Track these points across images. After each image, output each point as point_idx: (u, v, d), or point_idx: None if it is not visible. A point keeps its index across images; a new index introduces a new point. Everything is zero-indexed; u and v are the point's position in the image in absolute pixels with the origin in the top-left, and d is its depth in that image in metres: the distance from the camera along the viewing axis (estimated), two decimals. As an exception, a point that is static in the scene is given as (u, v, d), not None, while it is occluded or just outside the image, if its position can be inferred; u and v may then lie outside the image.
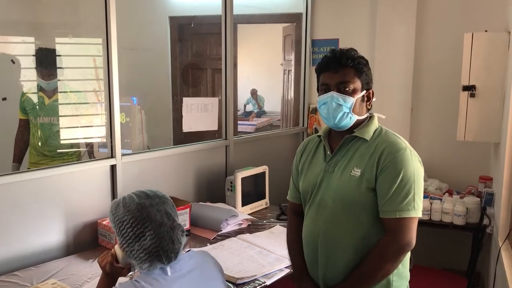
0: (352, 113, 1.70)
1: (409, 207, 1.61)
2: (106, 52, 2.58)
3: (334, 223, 1.70)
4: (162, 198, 1.54)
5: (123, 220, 1.47)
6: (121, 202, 1.51)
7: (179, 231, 1.51)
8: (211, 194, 3.21)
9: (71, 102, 3.45)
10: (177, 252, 1.50)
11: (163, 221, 1.47)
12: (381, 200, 1.63)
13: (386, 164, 1.63)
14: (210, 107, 3.32)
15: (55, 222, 2.43)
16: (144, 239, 1.45)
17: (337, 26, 3.95)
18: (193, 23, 4.48)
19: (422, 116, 3.70)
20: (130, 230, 1.46)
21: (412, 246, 1.64)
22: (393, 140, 1.68)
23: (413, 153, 1.67)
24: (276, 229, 2.78)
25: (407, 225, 1.61)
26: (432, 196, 3.22)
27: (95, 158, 3.19)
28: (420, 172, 1.66)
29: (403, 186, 1.61)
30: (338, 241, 1.69)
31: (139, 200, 1.49)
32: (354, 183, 1.66)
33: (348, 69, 1.68)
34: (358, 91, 1.70)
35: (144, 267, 1.47)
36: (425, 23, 3.61)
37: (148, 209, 1.47)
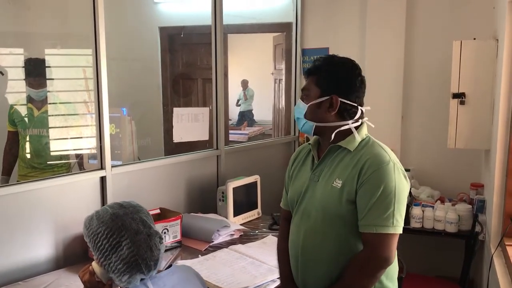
0: (307, 120, 1.71)
1: (388, 223, 1.55)
2: (95, 63, 2.56)
3: (314, 233, 1.68)
4: (136, 207, 1.52)
5: (98, 232, 1.44)
6: (94, 215, 1.49)
7: (156, 238, 1.48)
8: (203, 204, 3.19)
9: (61, 113, 3.42)
10: (156, 260, 1.46)
11: (139, 228, 1.45)
12: (360, 213, 1.59)
13: (367, 177, 1.58)
14: (201, 117, 3.31)
15: (44, 235, 2.39)
16: (121, 249, 1.42)
17: (327, 35, 3.96)
18: (183, 33, 4.48)
19: (412, 124, 3.72)
20: (106, 242, 1.42)
21: (390, 263, 1.59)
22: (377, 153, 1.63)
23: (397, 167, 1.61)
24: (268, 239, 2.76)
25: (385, 241, 1.56)
26: (424, 203, 3.22)
27: (85, 169, 3.15)
28: (403, 187, 1.60)
29: (382, 200, 1.55)
30: (317, 252, 1.67)
31: (113, 211, 1.47)
32: (335, 194, 1.63)
33: (312, 77, 1.71)
34: (312, 98, 1.69)
35: (124, 279, 1.44)
36: (414, 32, 3.64)
37: (123, 218, 1.45)
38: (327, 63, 1.71)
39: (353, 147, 1.67)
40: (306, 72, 1.74)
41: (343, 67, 1.70)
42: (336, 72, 1.69)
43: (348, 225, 1.62)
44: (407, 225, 3.15)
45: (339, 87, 1.67)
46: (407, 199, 1.64)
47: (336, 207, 1.63)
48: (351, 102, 1.68)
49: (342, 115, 1.69)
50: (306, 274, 1.72)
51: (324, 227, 1.66)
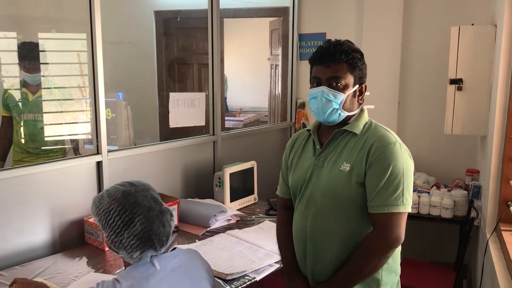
0: (342, 110, 1.67)
1: (398, 202, 1.58)
2: (91, 47, 2.53)
3: (323, 218, 1.68)
4: (146, 185, 1.54)
5: (110, 209, 1.45)
6: (105, 193, 1.50)
7: (168, 215, 1.51)
8: (199, 190, 3.19)
9: (56, 98, 3.39)
10: (168, 235, 1.50)
11: (151, 205, 1.47)
12: (369, 194, 1.61)
13: (375, 158, 1.60)
14: (197, 102, 3.29)
15: (40, 220, 2.38)
16: (133, 225, 1.43)
17: (324, 20, 3.93)
18: (179, 17, 4.43)
19: (409, 109, 3.71)
20: (118, 219, 1.44)
21: (400, 242, 1.62)
22: (382, 134, 1.66)
23: (402, 147, 1.64)
24: (265, 224, 2.76)
25: (396, 220, 1.59)
26: (420, 189, 3.23)
27: (80, 154, 3.14)
28: (410, 166, 1.64)
29: (392, 180, 1.58)
30: (327, 236, 1.68)
31: (124, 188, 1.49)
32: (343, 178, 1.64)
33: (341, 64, 1.64)
34: (349, 86, 1.66)
35: (135, 256, 1.45)
36: (412, 17, 3.61)
37: (135, 195, 1.46)
38: (353, 49, 1.68)
39: (359, 130, 1.69)
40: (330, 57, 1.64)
41: (361, 53, 1.71)
42: (362, 59, 1.70)
43: (358, 207, 1.64)
44: (403, 210, 3.16)
45: (364, 74, 1.71)
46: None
47: (344, 190, 1.64)
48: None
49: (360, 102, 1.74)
50: (316, 259, 1.71)
51: (333, 211, 1.66)
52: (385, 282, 1.69)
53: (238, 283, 2.07)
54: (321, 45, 1.71)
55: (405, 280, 1.95)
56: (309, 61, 1.73)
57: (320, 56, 1.67)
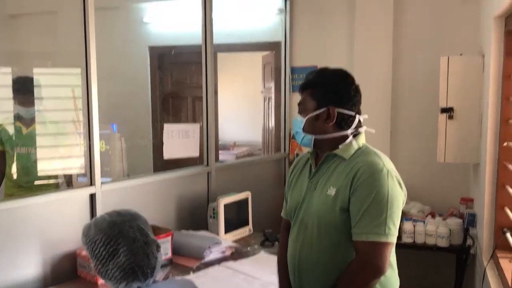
0: (304, 133, 1.72)
1: (380, 231, 1.52)
2: (86, 81, 2.56)
3: (310, 244, 1.67)
4: (134, 215, 1.51)
5: (95, 240, 1.44)
6: (92, 223, 1.49)
7: (153, 246, 1.47)
8: (193, 221, 3.15)
9: (50, 132, 3.38)
10: (153, 268, 1.46)
11: (136, 236, 1.44)
12: (352, 221, 1.57)
13: (359, 184, 1.56)
14: (191, 133, 3.30)
15: (32, 254, 2.33)
16: (117, 256, 1.41)
17: (315, 53, 4.01)
18: (173, 52, 4.50)
19: (402, 139, 3.74)
20: (103, 249, 1.42)
21: (381, 273, 1.55)
22: (371, 160, 1.61)
23: (391, 174, 1.58)
24: (260, 256, 2.73)
25: (376, 249, 1.52)
26: (415, 218, 3.23)
27: (73, 187, 3.11)
28: (396, 195, 1.57)
29: (374, 207, 1.53)
30: (312, 264, 1.66)
31: (111, 218, 1.47)
32: (329, 202, 1.62)
33: (307, 90, 1.72)
34: (309, 110, 1.70)
35: (120, 287, 1.43)
36: (401, 48, 3.70)
37: (120, 226, 1.44)
38: (320, 75, 1.73)
39: (349, 155, 1.66)
40: (300, 87, 1.75)
41: (337, 77, 1.72)
42: (330, 83, 1.70)
43: (343, 234, 1.60)
44: (398, 240, 3.14)
45: (335, 97, 1.68)
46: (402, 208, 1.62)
47: (330, 215, 1.62)
48: (348, 112, 1.69)
49: (340, 125, 1.69)
50: (302, 285, 1.70)
51: (319, 238, 1.64)
52: None
53: (233, 315, 2.03)
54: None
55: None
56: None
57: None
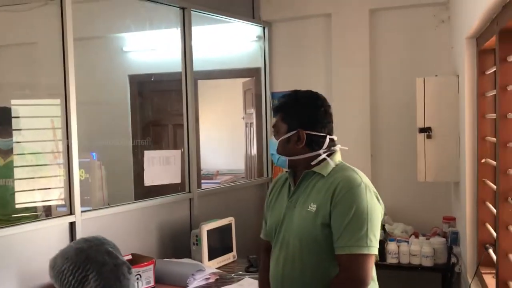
0: (278, 154, 1.78)
1: (362, 243, 1.57)
2: (65, 111, 2.55)
3: (292, 262, 1.68)
4: (101, 239, 1.49)
5: (63, 269, 1.39)
6: (58, 254, 1.45)
7: (124, 268, 1.44)
8: (176, 249, 3.11)
9: (28, 164, 3.33)
10: None
11: (104, 260, 1.41)
12: (334, 235, 1.61)
13: (339, 199, 1.62)
14: (172, 160, 3.28)
15: (9, 286, 2.26)
16: (88, 283, 1.37)
17: (294, 78, 4.06)
18: (153, 79, 4.50)
19: (382, 161, 3.78)
20: (72, 278, 1.38)
21: (366, 284, 1.59)
22: (349, 175, 1.68)
23: (368, 188, 1.65)
24: (245, 281, 2.69)
25: (359, 262, 1.58)
26: (398, 239, 3.23)
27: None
28: (375, 208, 1.64)
29: (355, 221, 1.59)
30: (296, 282, 1.67)
31: (76, 245, 1.45)
32: (310, 219, 1.65)
33: (279, 114, 1.79)
34: (281, 133, 1.77)
35: None
36: (378, 71, 3.77)
37: (87, 251, 1.41)
38: (290, 99, 1.80)
39: (327, 172, 1.72)
40: (274, 110, 1.83)
41: (305, 99, 1.79)
42: (299, 107, 1.77)
43: (325, 250, 1.63)
44: (383, 261, 3.14)
45: (303, 120, 1.75)
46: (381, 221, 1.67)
47: (311, 231, 1.64)
48: (317, 133, 1.74)
49: (311, 146, 1.75)
50: None
51: (301, 255, 1.66)
52: None
53: None
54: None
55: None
56: None
57: None
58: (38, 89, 3.92)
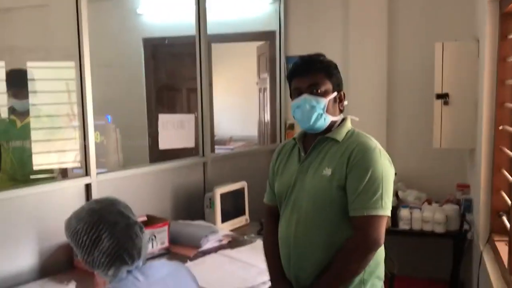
0: (326, 114, 1.73)
1: (377, 205, 1.62)
2: (80, 73, 2.55)
3: (306, 223, 1.71)
4: (112, 200, 1.51)
5: (77, 230, 1.42)
6: (72, 215, 1.48)
7: (136, 227, 1.46)
8: (190, 211, 3.15)
9: (44, 126, 3.37)
10: (139, 249, 1.45)
11: (116, 220, 1.43)
12: (350, 198, 1.65)
13: (355, 162, 1.66)
14: (186, 124, 3.29)
15: (26, 244, 2.33)
16: (101, 242, 1.40)
17: (310, 41, 3.99)
18: (167, 42, 4.47)
19: (397, 126, 3.74)
20: (86, 238, 1.41)
21: (379, 245, 1.65)
22: (363, 140, 1.72)
23: (382, 153, 1.70)
24: (257, 244, 2.72)
25: (375, 223, 1.63)
26: (411, 205, 3.23)
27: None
28: (389, 172, 1.69)
29: (371, 184, 1.63)
30: (309, 241, 1.70)
31: (89, 207, 1.48)
32: (325, 182, 1.68)
33: (318, 72, 1.73)
34: (329, 92, 1.74)
35: (109, 273, 1.42)
36: (396, 36, 3.69)
37: (99, 212, 1.44)
38: (326, 59, 1.78)
39: (341, 137, 1.74)
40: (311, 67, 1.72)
41: (334, 64, 1.79)
42: (337, 68, 1.78)
43: (339, 212, 1.67)
44: (395, 227, 3.15)
45: (340, 82, 1.78)
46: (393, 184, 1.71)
47: (326, 194, 1.68)
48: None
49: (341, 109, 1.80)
50: (299, 266, 1.73)
51: (316, 216, 1.69)
52: (368, 285, 1.69)
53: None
54: (295, 61, 1.79)
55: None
56: (287, 76, 1.81)
57: (297, 69, 1.76)
58: (53, 52, 3.93)
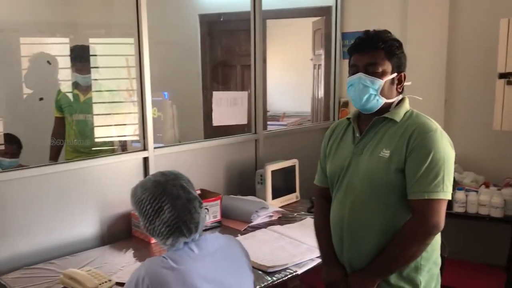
0: (380, 96, 1.68)
1: (438, 189, 1.58)
2: (138, 50, 2.63)
3: (361, 205, 1.68)
4: (177, 174, 1.60)
5: (142, 198, 1.53)
6: (138, 185, 1.58)
7: (196, 202, 1.54)
8: (241, 187, 3.22)
9: (105, 100, 3.53)
10: (196, 223, 1.53)
11: (179, 194, 1.52)
12: (409, 181, 1.60)
13: (416, 144, 1.60)
14: (239, 101, 3.33)
15: (90, 213, 2.49)
16: (163, 213, 1.49)
17: (367, 17, 3.89)
18: (222, 19, 4.50)
19: (456, 107, 3.61)
20: (150, 207, 1.51)
21: (439, 229, 1.61)
22: (423, 122, 1.66)
23: (443, 135, 1.64)
24: (307, 221, 2.76)
25: (435, 207, 1.58)
26: (467, 188, 3.14)
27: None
28: (451, 154, 1.63)
29: (432, 167, 1.58)
30: (364, 224, 1.67)
31: (154, 178, 1.56)
32: (383, 164, 1.64)
33: (378, 51, 1.67)
34: (387, 73, 1.68)
35: (167, 243, 1.52)
36: (458, 11, 3.52)
37: (164, 185, 1.53)
38: (390, 38, 1.70)
39: (399, 118, 1.69)
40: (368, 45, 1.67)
41: (399, 42, 1.72)
42: (398, 48, 1.71)
43: (397, 194, 1.63)
44: (449, 209, 3.08)
45: (402, 63, 1.72)
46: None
47: (384, 176, 1.63)
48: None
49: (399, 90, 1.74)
50: (353, 249, 1.71)
51: (371, 198, 1.66)
52: (426, 271, 1.66)
53: (279, 275, 2.09)
54: (358, 36, 1.73)
55: (452, 280, 1.91)
56: (348, 50, 1.76)
57: (358, 45, 1.71)
58: (113, 29, 4.06)
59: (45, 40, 3.86)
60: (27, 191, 2.26)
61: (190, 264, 1.48)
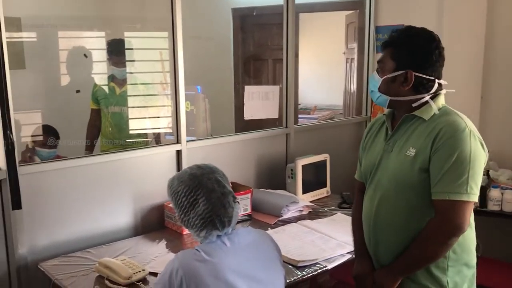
0: (380, 93, 1.71)
1: (462, 190, 1.53)
2: (172, 44, 2.68)
3: (386, 203, 1.69)
4: (213, 168, 1.63)
5: (178, 190, 1.57)
6: (175, 176, 1.62)
7: (230, 197, 1.57)
8: (272, 181, 3.24)
9: (140, 93, 3.60)
10: (230, 217, 1.56)
11: (213, 187, 1.55)
12: (433, 180, 1.58)
13: (442, 143, 1.56)
14: (271, 95, 3.34)
15: (124, 204, 2.56)
16: (197, 206, 1.53)
17: (402, 11, 3.82)
18: (255, 13, 4.51)
19: (493, 104, 3.52)
20: (185, 199, 1.55)
21: (462, 231, 1.57)
22: (453, 120, 1.60)
23: (473, 134, 1.58)
24: (337, 217, 2.76)
25: (458, 208, 1.54)
26: (503, 186, 3.07)
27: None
28: (479, 155, 1.57)
29: (456, 167, 1.54)
30: (387, 223, 1.68)
31: (191, 171, 1.60)
32: (408, 163, 1.62)
33: (389, 49, 1.70)
34: (387, 71, 1.69)
35: (201, 235, 1.55)
36: (496, 4, 3.42)
37: (199, 178, 1.56)
38: (404, 35, 1.69)
39: (428, 116, 1.65)
40: (382, 44, 1.73)
41: (420, 39, 1.67)
42: (413, 45, 1.66)
43: (420, 195, 1.61)
44: (484, 207, 3.02)
45: (415, 61, 1.65)
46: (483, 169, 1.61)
47: (408, 176, 1.62)
48: (427, 76, 1.66)
49: (417, 89, 1.68)
50: (378, 244, 1.74)
51: (395, 197, 1.66)
52: (453, 272, 1.64)
53: (309, 270, 2.10)
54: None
55: (486, 279, 1.88)
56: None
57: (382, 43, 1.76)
58: (147, 23, 4.13)
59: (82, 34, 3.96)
60: (64, 182, 2.34)
61: (222, 257, 1.51)
